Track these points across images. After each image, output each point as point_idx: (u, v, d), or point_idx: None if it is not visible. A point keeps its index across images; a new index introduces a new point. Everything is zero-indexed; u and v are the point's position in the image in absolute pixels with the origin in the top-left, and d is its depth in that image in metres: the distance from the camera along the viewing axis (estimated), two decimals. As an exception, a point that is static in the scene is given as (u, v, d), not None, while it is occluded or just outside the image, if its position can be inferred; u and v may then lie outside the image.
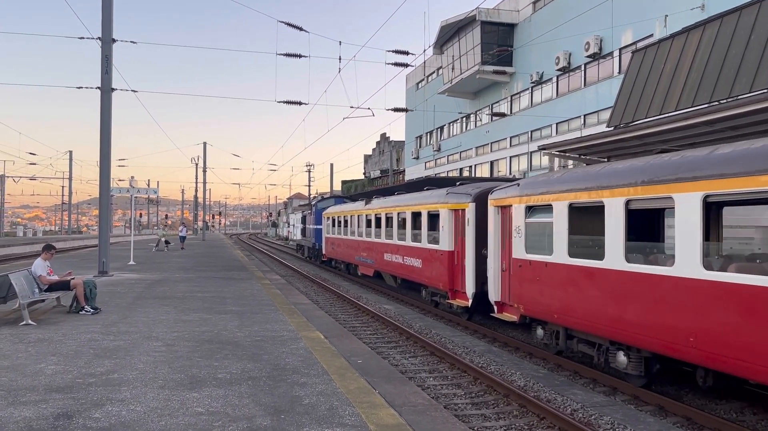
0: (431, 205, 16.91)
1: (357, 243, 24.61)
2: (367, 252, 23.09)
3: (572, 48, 31.85)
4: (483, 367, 11.44)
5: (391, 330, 15.24)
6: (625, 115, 18.38)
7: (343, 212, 27.36)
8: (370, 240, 22.52)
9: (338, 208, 28.54)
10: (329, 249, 30.65)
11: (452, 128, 48.09)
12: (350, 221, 25.81)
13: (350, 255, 26.03)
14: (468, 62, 39.06)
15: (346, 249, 26.70)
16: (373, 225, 22.23)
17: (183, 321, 10.48)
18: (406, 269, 19.03)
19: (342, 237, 27.43)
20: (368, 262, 22.98)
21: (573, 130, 31.45)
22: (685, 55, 16.57)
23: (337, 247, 28.45)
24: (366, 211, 23.30)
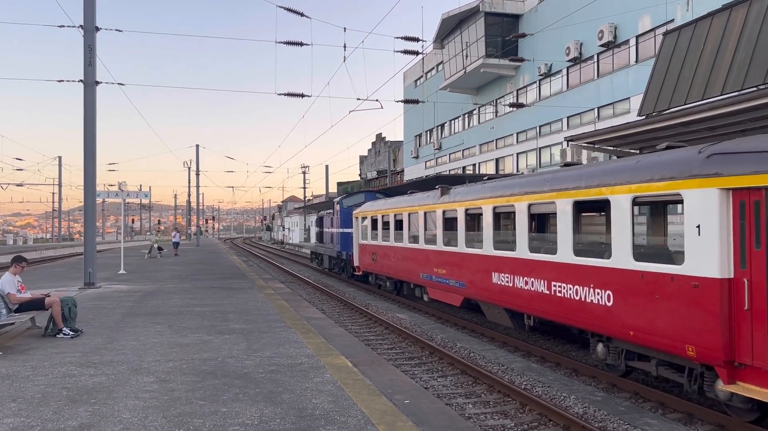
0: (658, 183, 8.28)
1: (424, 254, 16.97)
2: (449, 268, 15.25)
3: (584, 37, 30.31)
4: (527, 389, 9.85)
5: (411, 344, 13.63)
6: (659, 102, 16.81)
7: (391, 210, 19.70)
8: (456, 251, 14.78)
9: (379, 205, 21.29)
10: (366, 261, 22.86)
11: (454, 125, 46.50)
12: (409, 222, 18.17)
13: (409, 271, 18.26)
14: (471, 56, 37.49)
15: (399, 262, 19.11)
16: (461, 228, 14.58)
17: (179, 345, 8.79)
18: (559, 305, 10.57)
19: (391, 245, 19.86)
20: (451, 284, 15.18)
21: (586, 124, 29.92)
22: (729, 34, 15.01)
23: (382, 259, 20.85)
24: (446, 205, 15.46)
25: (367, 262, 22.73)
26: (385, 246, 20.41)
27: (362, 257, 23.42)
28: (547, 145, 33.97)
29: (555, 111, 32.95)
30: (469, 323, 15.43)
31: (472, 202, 14.04)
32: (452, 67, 40.36)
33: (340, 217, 26.99)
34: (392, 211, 19.68)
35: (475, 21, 36.47)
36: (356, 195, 27.22)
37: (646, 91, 17.63)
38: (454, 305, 15.22)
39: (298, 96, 18.16)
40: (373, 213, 21.90)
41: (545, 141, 34.20)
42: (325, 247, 31.21)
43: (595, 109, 29.72)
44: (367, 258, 22.66)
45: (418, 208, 17.46)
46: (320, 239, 33.46)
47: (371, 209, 22.18)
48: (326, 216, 31.55)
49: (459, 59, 39.29)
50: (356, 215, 23.93)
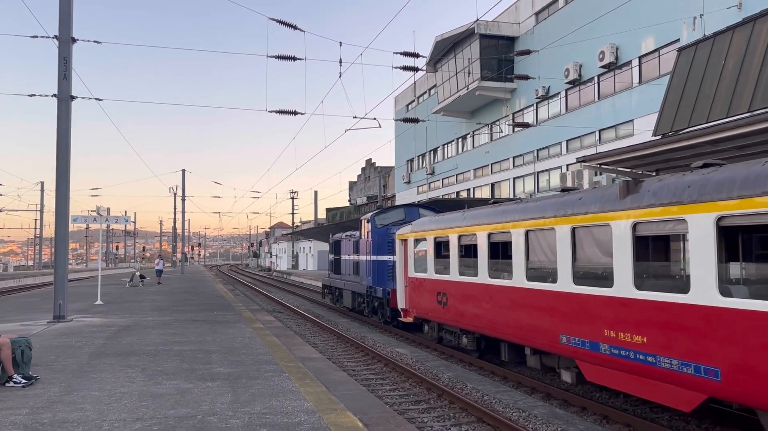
0: None
1: (578, 301, 9.52)
2: (662, 333, 7.68)
3: (583, 59, 29.53)
4: (563, 443, 8.50)
5: (415, 384, 12.23)
6: (677, 121, 15.75)
7: (481, 227, 12.64)
8: (693, 304, 7.11)
9: (450, 221, 14.24)
10: (422, 303, 15.66)
11: (447, 150, 45.54)
12: (527, 246, 11.05)
13: (527, 328, 11.00)
14: (466, 79, 36.65)
15: (501, 310, 11.92)
16: (707, 254, 6.98)
17: (152, 397, 7.34)
18: None
19: (480, 283, 12.70)
20: (667, 366, 7.62)
21: (586, 147, 28.96)
22: (753, 47, 14.03)
23: (459, 302, 13.63)
24: (648, 212, 8.02)
25: (426, 305, 15.26)
26: (467, 283, 13.13)
27: (415, 297, 15.93)
28: (546, 169, 32.96)
29: (553, 134, 32.03)
30: (476, 360, 14.05)
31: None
32: (446, 90, 39.51)
33: (373, 240, 19.59)
34: (483, 228, 12.32)
35: (469, 43, 35.72)
36: (393, 210, 20.60)
37: (661, 110, 16.61)
38: (676, 407, 7.85)
39: (290, 113, 16.92)
40: (439, 232, 14.49)
41: (543, 165, 33.20)
42: (346, 280, 23.35)
43: (597, 131, 28.79)
44: (426, 300, 15.24)
45: (553, 221, 9.85)
46: (336, 269, 25.47)
47: (433, 227, 14.91)
48: (346, 240, 23.90)
49: (453, 82, 38.46)
50: (401, 237, 16.79)
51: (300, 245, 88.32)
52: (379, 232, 19.80)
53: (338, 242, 25.70)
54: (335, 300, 26.28)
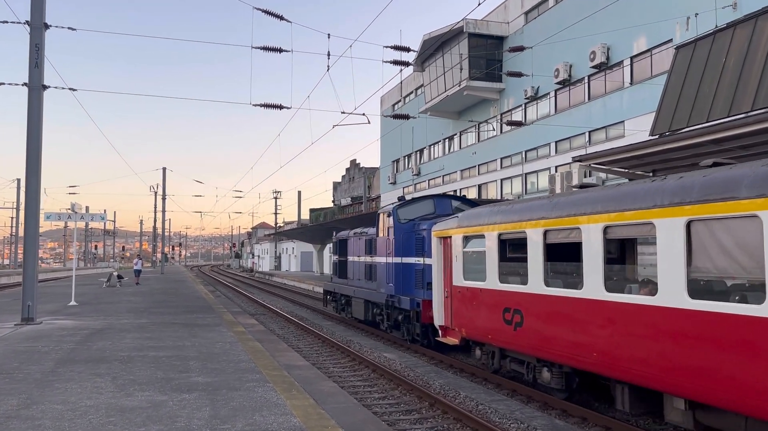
0: None
1: None
2: None
3: (573, 59, 29.13)
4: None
5: (406, 392, 11.60)
6: (675, 121, 15.29)
7: (600, 217, 8.73)
8: None
9: (517, 213, 10.94)
10: (477, 320, 12.13)
11: (434, 150, 45.01)
12: (686, 244, 7.29)
13: (686, 371, 7.18)
14: (454, 78, 36.14)
15: (629, 342, 8.11)
16: None
17: (121, 411, 6.61)
18: None
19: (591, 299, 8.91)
20: None
21: (576, 148, 28.56)
22: (756, 45, 13.59)
23: (539, 322, 10.18)
24: None
25: (483, 324, 11.69)
26: (559, 297, 9.58)
27: (464, 312, 12.38)
28: (534, 170, 32.53)
29: (541, 135, 31.61)
30: (468, 365, 13.46)
31: None
32: (433, 89, 38.98)
33: (396, 239, 15.98)
34: (593, 219, 8.84)
35: (458, 42, 35.21)
36: (420, 202, 16.76)
37: (658, 110, 16.15)
38: None
39: (275, 108, 16.17)
40: (508, 226, 10.93)
41: (531, 166, 32.77)
42: (356, 286, 19.71)
43: (587, 132, 28.40)
44: (483, 317, 11.68)
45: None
46: (341, 272, 21.87)
47: (497, 219, 11.28)
48: (355, 239, 20.37)
49: (440, 82, 37.93)
50: (441, 234, 13.33)
51: (283, 246, 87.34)
52: (404, 229, 16.00)
53: (344, 241, 21.82)
54: (340, 309, 22.06)
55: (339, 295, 22.34)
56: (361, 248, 19.74)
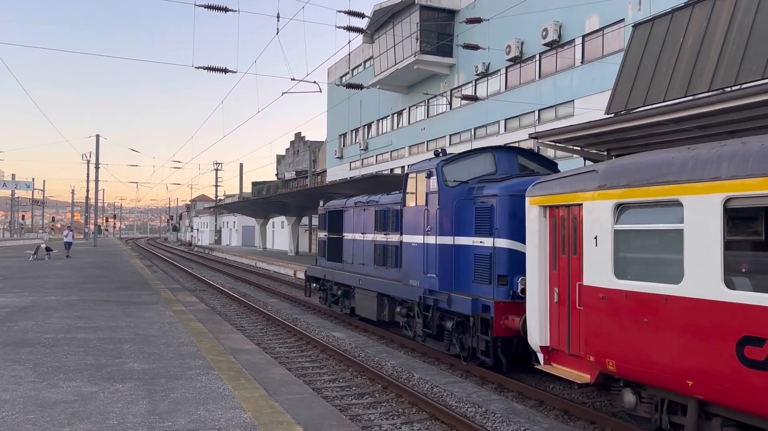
0: None
1: None
2: None
3: (525, 36, 28.90)
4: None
5: (357, 373, 11.14)
6: (631, 100, 15.13)
7: None
8: None
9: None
10: (646, 349, 6.89)
11: (382, 125, 44.32)
12: None
13: None
14: (404, 51, 35.41)
15: None
16: None
17: (42, 406, 5.77)
18: None
19: None
20: None
21: (525, 127, 28.48)
22: (715, 24, 13.48)
23: None
24: None
25: (665, 359, 6.72)
26: None
27: (607, 331, 7.50)
28: (483, 147, 32.35)
29: (491, 113, 31.41)
30: (420, 346, 13.08)
31: None
32: (383, 62, 38.15)
33: (443, 209, 11.46)
34: None
35: (409, 14, 34.43)
36: (471, 157, 11.94)
37: (615, 88, 15.97)
38: None
39: (220, 71, 15.11)
40: (735, 184, 6.10)
41: (480, 144, 32.60)
42: (360, 274, 15.15)
43: (536, 111, 28.33)
44: (667, 346, 6.70)
45: None
46: (334, 254, 17.24)
47: (688, 175, 6.53)
48: (356, 211, 15.87)
49: (390, 54, 37.13)
50: (546, 202, 8.86)
51: (223, 219, 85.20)
52: (455, 195, 11.22)
53: (337, 213, 17.08)
54: (331, 302, 17.42)
55: (331, 284, 17.25)
56: (367, 222, 15.01)
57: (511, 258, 10.20)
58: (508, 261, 10.23)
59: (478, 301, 10.48)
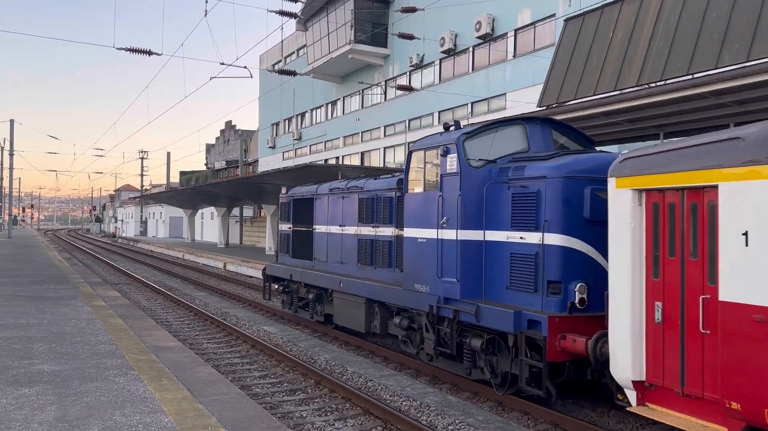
0: None
1: None
2: None
3: (459, 28, 29.04)
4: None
5: (289, 369, 10.82)
6: (562, 93, 15.39)
7: None
8: None
9: None
10: None
11: (316, 115, 43.72)
12: None
13: None
14: (339, 40, 34.94)
15: None
16: None
17: (-66, 415, 5.17)
18: None
19: None
20: None
21: (459, 119, 28.62)
22: (642, 21, 13.85)
23: None
24: None
25: None
26: None
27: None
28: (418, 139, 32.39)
29: (425, 104, 31.48)
30: (353, 338, 12.86)
31: None
32: (317, 51, 37.56)
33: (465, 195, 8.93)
34: None
35: (343, 2, 33.98)
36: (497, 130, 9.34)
37: (547, 81, 16.22)
38: None
39: (144, 53, 14.29)
40: None
41: (415, 135, 32.63)
42: (341, 275, 12.66)
43: (469, 104, 28.56)
44: None
45: None
46: (301, 250, 14.76)
47: None
48: (330, 199, 13.47)
49: (324, 43, 36.59)
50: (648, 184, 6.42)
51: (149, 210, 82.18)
52: (482, 176, 8.87)
53: (306, 202, 14.45)
54: (298, 307, 14.95)
55: (298, 285, 14.68)
56: (348, 212, 12.62)
57: (567, 259, 7.77)
58: (562, 263, 7.77)
59: (522, 315, 7.91)
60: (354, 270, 12.36)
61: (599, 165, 7.95)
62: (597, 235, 7.75)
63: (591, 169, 7.99)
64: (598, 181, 7.73)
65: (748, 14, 11.45)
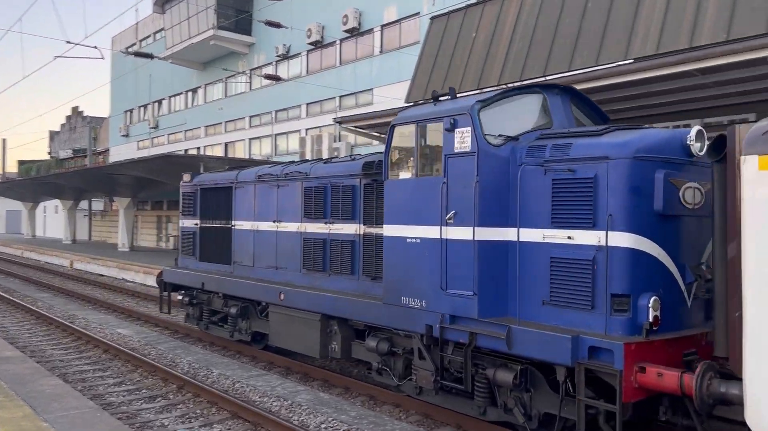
0: None
1: None
2: None
3: (327, 20, 28.84)
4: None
5: (148, 374, 10.13)
6: (429, 89, 15.73)
7: None
8: None
9: None
10: None
11: (175, 102, 41.48)
12: None
13: None
14: (200, 25, 33.35)
15: None
16: None
17: None
18: None
19: None
20: None
21: (327, 112, 28.55)
22: (503, 23, 14.51)
23: None
24: None
25: None
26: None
27: None
28: (284, 132, 31.83)
29: (292, 96, 30.99)
30: (219, 339, 12.31)
31: None
32: (176, 35, 35.60)
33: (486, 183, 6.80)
34: None
35: (205, -14, 32.49)
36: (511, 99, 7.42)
37: (414, 77, 16.51)
38: None
39: (-28, 25, 12.52)
40: None
41: (281, 128, 32.05)
42: (276, 286, 10.07)
43: (337, 97, 28.50)
44: None
45: None
46: (214, 252, 12.14)
47: None
48: (258, 188, 10.94)
49: (184, 27, 34.77)
50: None
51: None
52: (505, 158, 6.91)
53: (221, 191, 11.93)
54: (210, 322, 12.31)
55: (211, 296, 12.09)
56: (287, 205, 10.22)
57: (636, 266, 5.98)
58: (631, 271, 5.97)
59: (582, 340, 5.94)
60: (297, 277, 9.91)
61: (668, 142, 6.21)
62: (667, 234, 6.09)
63: (662, 147, 6.16)
64: (668, 163, 6.11)
65: (597, 22, 12.35)
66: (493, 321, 6.66)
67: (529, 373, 6.56)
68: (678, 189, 6.00)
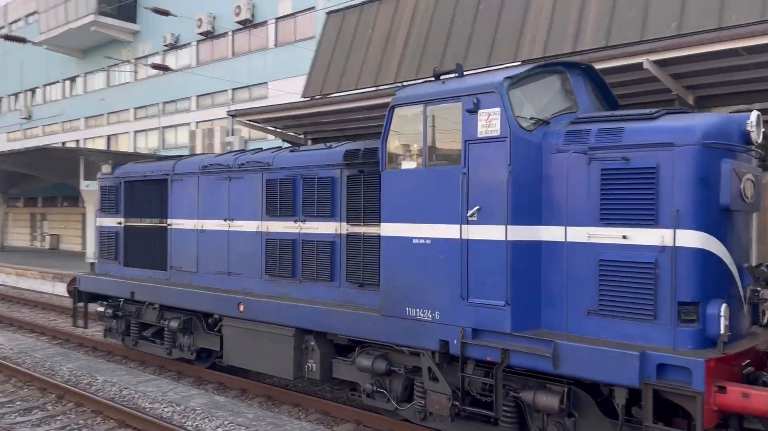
0: None
1: None
2: None
3: (218, 11, 27.91)
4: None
5: (23, 384, 9.45)
6: (326, 85, 15.67)
7: None
8: None
9: None
10: None
11: (50, 91, 38.57)
12: None
13: None
14: (78, 10, 31.18)
15: None
16: None
17: None
18: None
19: None
20: None
21: (219, 105, 27.65)
22: (399, 22, 14.69)
23: None
24: None
25: None
26: None
27: None
28: (173, 124, 30.48)
29: (182, 88, 29.75)
30: (102, 343, 11.60)
31: None
32: (51, 19, 33.10)
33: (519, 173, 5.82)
34: None
35: (83, -33, 30.41)
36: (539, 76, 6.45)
37: (310, 72, 16.34)
38: None
39: None
40: None
41: (170, 120, 30.67)
42: (230, 295, 8.66)
43: (230, 90, 27.68)
44: None
45: None
46: (152, 257, 10.32)
47: None
48: (201, 180, 9.41)
49: (61, 11, 32.38)
50: None
51: None
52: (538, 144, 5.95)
53: (153, 185, 10.38)
54: (138, 338, 10.78)
55: (142, 308, 10.46)
56: (240, 200, 8.87)
57: (706, 269, 5.26)
58: (700, 275, 5.22)
59: (650, 357, 5.07)
60: (257, 285, 8.59)
61: (728, 127, 5.47)
62: (727, 232, 5.42)
63: (725, 133, 5.40)
64: (731, 151, 5.39)
65: (488, 24, 12.79)
66: (528, 335, 5.75)
67: (573, 395, 5.66)
68: (740, 181, 5.32)
